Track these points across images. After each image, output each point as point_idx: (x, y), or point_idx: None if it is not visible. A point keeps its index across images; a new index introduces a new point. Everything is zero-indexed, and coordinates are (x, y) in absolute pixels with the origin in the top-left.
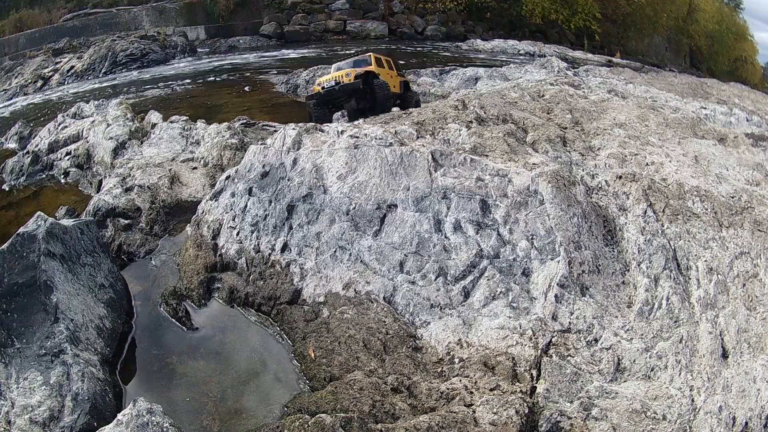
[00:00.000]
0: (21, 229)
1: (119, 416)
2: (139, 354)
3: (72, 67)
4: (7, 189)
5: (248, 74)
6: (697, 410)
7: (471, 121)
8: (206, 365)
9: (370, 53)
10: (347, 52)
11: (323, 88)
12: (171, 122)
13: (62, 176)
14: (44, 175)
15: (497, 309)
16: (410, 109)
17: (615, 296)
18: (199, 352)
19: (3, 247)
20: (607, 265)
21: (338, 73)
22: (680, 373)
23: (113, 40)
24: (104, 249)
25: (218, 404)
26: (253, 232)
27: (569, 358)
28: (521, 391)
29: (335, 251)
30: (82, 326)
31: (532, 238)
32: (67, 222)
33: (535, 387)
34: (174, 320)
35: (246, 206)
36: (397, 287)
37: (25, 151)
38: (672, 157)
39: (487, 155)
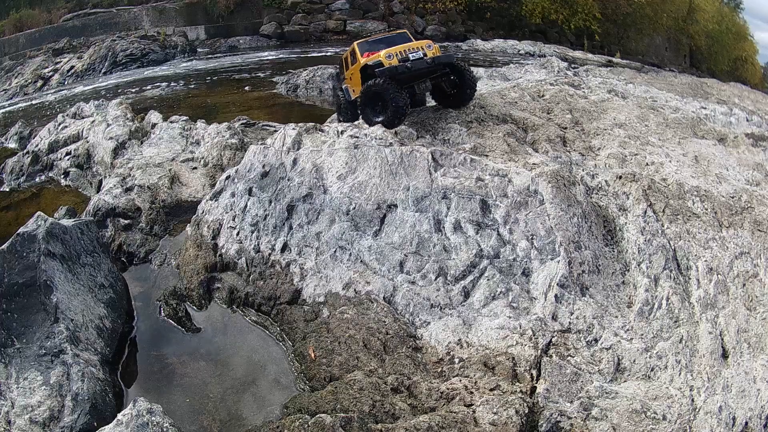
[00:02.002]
0: (21, 229)
1: (119, 416)
2: (139, 354)
3: (72, 67)
4: (7, 189)
5: (248, 74)
6: (697, 410)
7: (471, 121)
8: (206, 365)
9: (406, 30)
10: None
11: (405, 60)
12: (171, 122)
13: (62, 176)
14: (44, 176)
15: (497, 309)
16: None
17: (615, 296)
18: (199, 353)
19: (3, 247)
20: (607, 265)
21: (418, 43)
22: (680, 373)
23: (113, 40)
24: (104, 249)
25: (218, 404)
26: (253, 232)
27: (569, 358)
28: (521, 391)
29: (335, 251)
30: (82, 326)
31: (532, 238)
32: (67, 222)
33: (535, 387)
34: (174, 320)
35: (246, 206)
36: (397, 287)
37: (25, 151)
38: (672, 157)
39: (487, 155)
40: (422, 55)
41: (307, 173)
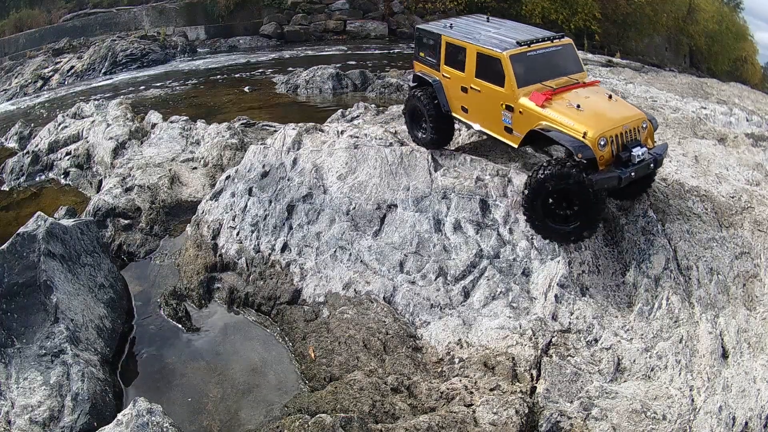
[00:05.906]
0: (21, 229)
1: (119, 416)
2: (139, 354)
3: (72, 67)
4: (7, 189)
5: (248, 74)
6: (697, 410)
7: None
8: (206, 365)
9: (571, 42)
10: (346, 53)
11: (626, 161)
12: (171, 122)
13: (62, 176)
14: (44, 176)
15: (497, 309)
16: None
17: (615, 296)
18: (199, 353)
19: (3, 247)
20: (607, 265)
21: (635, 118)
22: (680, 373)
23: (113, 40)
24: (104, 249)
25: (218, 404)
26: (253, 232)
27: (569, 358)
28: (521, 391)
29: (335, 251)
30: (82, 326)
31: (532, 238)
32: (67, 222)
33: (535, 387)
34: (174, 320)
35: (246, 206)
36: (397, 287)
37: (25, 151)
38: (672, 157)
39: (487, 155)
40: (646, 152)
41: (307, 173)
